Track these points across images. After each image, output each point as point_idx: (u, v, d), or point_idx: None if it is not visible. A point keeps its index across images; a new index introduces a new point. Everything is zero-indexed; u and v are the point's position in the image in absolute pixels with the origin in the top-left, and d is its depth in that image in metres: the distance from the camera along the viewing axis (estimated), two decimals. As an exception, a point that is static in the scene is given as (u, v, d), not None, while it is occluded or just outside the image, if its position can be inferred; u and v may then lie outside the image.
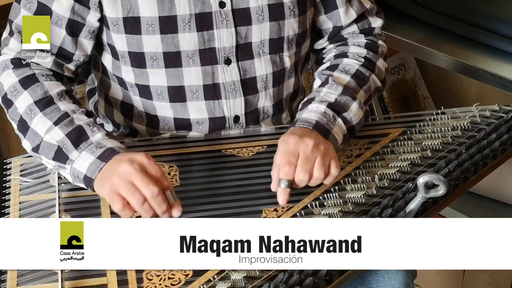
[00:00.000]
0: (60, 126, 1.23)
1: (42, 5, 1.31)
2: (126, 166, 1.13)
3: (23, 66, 1.31)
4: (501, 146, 1.31)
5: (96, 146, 1.21)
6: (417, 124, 1.42)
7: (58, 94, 1.29)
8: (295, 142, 1.21)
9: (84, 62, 1.38)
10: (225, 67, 1.36)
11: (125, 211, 1.13)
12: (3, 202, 1.26)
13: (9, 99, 1.29)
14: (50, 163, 1.25)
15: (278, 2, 1.35)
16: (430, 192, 1.15)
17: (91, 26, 1.33)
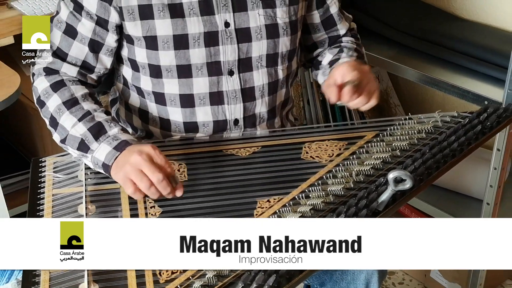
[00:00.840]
0: (83, 122, 1.26)
1: (69, 25, 1.32)
2: (136, 157, 1.15)
3: (53, 73, 1.33)
4: (459, 146, 1.31)
5: (113, 138, 1.23)
6: (388, 128, 1.41)
7: (82, 96, 1.30)
8: (355, 63, 1.31)
9: (105, 73, 1.39)
10: (229, 77, 1.37)
11: (136, 194, 1.16)
12: (39, 195, 1.26)
13: (42, 100, 1.31)
14: (75, 152, 1.27)
15: (273, 23, 1.36)
16: (399, 185, 1.15)
17: (109, 45, 1.34)
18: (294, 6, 1.38)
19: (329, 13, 1.48)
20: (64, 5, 1.33)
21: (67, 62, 1.34)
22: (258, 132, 1.43)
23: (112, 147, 1.22)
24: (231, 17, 1.34)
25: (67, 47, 1.33)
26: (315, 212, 1.17)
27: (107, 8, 1.30)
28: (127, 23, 1.31)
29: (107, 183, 1.28)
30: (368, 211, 1.14)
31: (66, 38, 1.33)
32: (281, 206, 1.19)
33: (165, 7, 1.30)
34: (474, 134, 1.35)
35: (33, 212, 1.23)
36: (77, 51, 1.34)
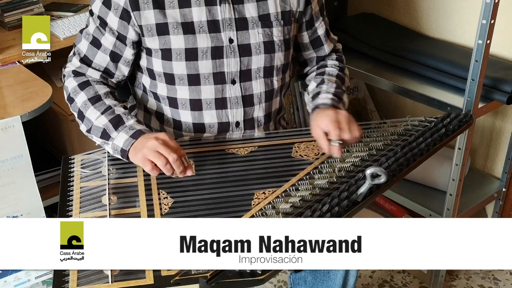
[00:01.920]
0: (105, 115, 1.28)
1: (95, 38, 1.34)
2: (153, 141, 1.20)
3: (80, 75, 1.35)
4: (426, 146, 1.31)
5: (129, 128, 1.26)
6: (366, 130, 1.40)
7: (104, 93, 1.33)
8: (334, 114, 1.27)
9: (123, 79, 1.41)
10: (231, 86, 1.37)
11: (153, 171, 1.20)
12: (68, 188, 1.26)
13: (71, 97, 1.33)
14: (98, 140, 1.30)
15: (270, 40, 1.36)
16: (375, 180, 1.15)
17: (127, 58, 1.36)
18: (287, 27, 1.38)
19: (316, 34, 1.47)
20: (92, 20, 1.34)
21: (92, 68, 1.36)
22: (256, 134, 1.43)
23: (129, 135, 1.25)
24: (234, 34, 1.33)
25: (92, 55, 1.35)
26: (304, 202, 1.17)
27: (126, 26, 1.31)
28: (146, 38, 1.32)
29: (127, 177, 1.28)
30: (348, 202, 1.15)
31: (92, 48, 1.35)
32: (275, 197, 1.19)
33: (179, 25, 1.30)
34: (438, 136, 1.36)
35: (64, 203, 1.22)
36: (100, 60, 1.35)
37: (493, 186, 2.06)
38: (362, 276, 2.13)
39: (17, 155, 1.49)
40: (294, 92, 2.24)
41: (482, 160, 2.13)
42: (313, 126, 1.30)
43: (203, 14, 1.31)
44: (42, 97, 1.51)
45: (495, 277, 2.12)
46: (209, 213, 1.16)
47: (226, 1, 1.32)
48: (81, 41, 1.36)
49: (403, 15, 2.17)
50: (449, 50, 1.95)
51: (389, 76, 1.91)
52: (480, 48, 1.59)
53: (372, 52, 2.00)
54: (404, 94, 1.87)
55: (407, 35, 2.08)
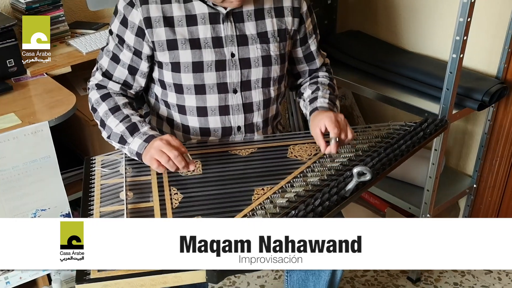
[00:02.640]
0: (123, 122, 1.29)
1: (115, 54, 1.34)
2: (158, 142, 1.21)
3: (103, 88, 1.35)
4: (406, 148, 1.32)
5: (143, 134, 1.26)
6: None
7: (123, 104, 1.33)
8: (333, 115, 1.28)
9: (140, 90, 1.40)
10: (233, 95, 1.37)
11: (159, 168, 1.21)
12: (90, 185, 1.26)
13: (94, 107, 1.33)
14: (117, 144, 1.30)
15: (267, 55, 1.36)
16: (361, 177, 1.15)
17: (142, 70, 1.36)
18: (283, 43, 1.38)
19: (309, 50, 1.47)
20: (111, 39, 1.35)
21: (112, 81, 1.36)
22: (255, 137, 1.43)
23: (142, 140, 1.25)
24: (236, 49, 1.33)
25: (113, 69, 1.35)
26: (298, 197, 1.17)
27: (141, 42, 1.31)
28: (158, 53, 1.32)
29: (141, 176, 1.28)
30: (338, 197, 1.15)
31: (112, 63, 1.35)
32: (272, 193, 1.19)
33: (186, 41, 1.30)
34: (417, 138, 1.36)
35: (86, 198, 1.22)
36: (119, 73, 1.35)
37: (465, 182, 2.06)
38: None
39: (46, 156, 1.49)
40: (289, 100, 2.24)
41: (456, 160, 2.13)
42: (312, 126, 1.30)
43: (208, 31, 1.31)
44: (67, 104, 1.51)
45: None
46: (214, 207, 1.16)
47: (229, 20, 1.32)
48: (103, 58, 1.36)
49: (386, 32, 2.17)
50: (426, 63, 1.94)
51: (373, 85, 1.90)
52: (454, 61, 1.59)
53: (358, 65, 2.00)
54: (386, 102, 1.86)
55: (389, 49, 2.08)
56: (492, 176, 2.00)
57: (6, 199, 1.47)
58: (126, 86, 1.37)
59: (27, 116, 1.46)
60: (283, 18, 1.37)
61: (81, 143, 1.84)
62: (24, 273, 1.56)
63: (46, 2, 1.75)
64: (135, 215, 1.15)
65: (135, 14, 1.29)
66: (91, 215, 1.16)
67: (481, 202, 2.08)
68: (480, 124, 2.00)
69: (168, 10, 1.29)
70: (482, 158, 2.00)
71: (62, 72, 1.69)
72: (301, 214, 1.08)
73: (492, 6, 1.81)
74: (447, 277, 2.05)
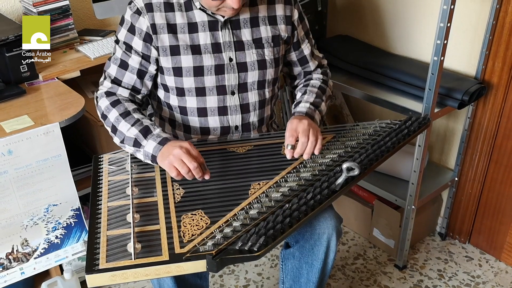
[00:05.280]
0: (135, 126, 1.26)
1: (123, 61, 1.32)
2: (178, 150, 1.17)
3: (112, 95, 1.33)
4: (392, 144, 1.32)
5: (157, 136, 1.23)
6: (342, 131, 1.41)
7: (133, 109, 1.30)
8: (296, 122, 1.27)
9: (147, 94, 1.39)
10: (231, 96, 1.36)
11: (178, 176, 1.17)
12: (98, 181, 1.26)
13: (105, 114, 1.30)
14: (130, 149, 1.27)
15: (262, 59, 1.36)
16: (350, 172, 1.15)
17: (151, 73, 1.34)
18: (276, 48, 1.38)
19: (303, 54, 1.47)
20: (118, 47, 1.33)
21: (122, 87, 1.34)
22: (251, 136, 1.42)
23: (156, 142, 1.22)
24: (233, 54, 1.33)
25: (121, 76, 1.33)
26: (292, 191, 1.17)
27: (148, 47, 1.30)
28: (161, 58, 1.31)
29: (146, 172, 1.28)
30: (328, 191, 1.15)
31: (120, 70, 1.33)
32: (268, 187, 1.19)
33: (188, 47, 1.30)
34: (402, 135, 1.36)
35: (95, 193, 1.22)
36: (128, 79, 1.33)
37: (447, 176, 2.06)
38: (340, 251, 2.13)
39: (57, 155, 1.48)
40: (283, 100, 2.24)
41: (438, 155, 2.14)
42: (286, 130, 1.30)
43: (208, 38, 1.31)
44: (76, 106, 1.50)
45: (450, 250, 2.13)
46: (214, 201, 1.16)
47: (226, 27, 1.32)
48: (110, 66, 1.34)
49: (372, 36, 2.17)
50: (410, 64, 1.94)
51: (361, 86, 1.90)
52: (436, 64, 1.59)
53: (347, 67, 2.00)
54: (373, 101, 1.86)
55: (375, 52, 2.08)
56: (472, 169, 2.01)
57: (20, 195, 1.47)
58: (135, 91, 1.35)
59: (39, 117, 1.46)
60: (276, 25, 1.37)
61: (90, 142, 1.84)
62: (38, 263, 1.57)
63: (57, 11, 1.74)
64: (140, 209, 1.15)
65: (142, 21, 1.28)
66: (100, 209, 1.16)
67: (462, 194, 2.08)
68: (461, 122, 2.00)
69: (171, 18, 1.29)
70: (462, 153, 2.00)
71: (72, 76, 1.69)
72: (294, 207, 1.09)
73: (470, 12, 1.81)
74: (431, 264, 2.05)
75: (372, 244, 2.16)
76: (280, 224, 1.03)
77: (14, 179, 1.43)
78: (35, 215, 1.51)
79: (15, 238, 1.51)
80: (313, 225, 1.31)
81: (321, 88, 1.45)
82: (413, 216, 1.90)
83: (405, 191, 1.88)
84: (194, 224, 1.09)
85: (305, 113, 1.33)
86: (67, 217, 1.58)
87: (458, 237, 2.16)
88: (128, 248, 1.02)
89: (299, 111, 1.35)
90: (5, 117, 1.46)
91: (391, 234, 2.05)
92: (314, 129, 1.27)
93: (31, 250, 1.54)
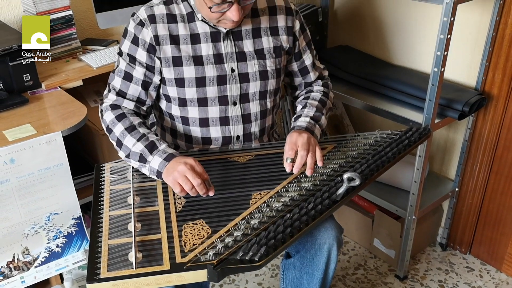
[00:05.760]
0: (141, 141, 1.25)
1: (127, 73, 1.32)
2: (182, 166, 1.16)
3: (117, 108, 1.32)
4: (392, 155, 1.32)
5: (162, 152, 1.23)
6: (343, 141, 1.42)
7: (138, 123, 1.30)
8: (296, 136, 1.27)
9: (151, 105, 1.39)
10: (233, 106, 1.37)
11: (182, 193, 1.17)
12: (100, 190, 1.26)
13: (110, 128, 1.30)
14: (136, 164, 1.26)
15: (264, 70, 1.36)
16: (351, 182, 1.16)
17: (155, 83, 1.34)
18: (278, 58, 1.39)
19: (304, 64, 1.47)
20: (122, 59, 1.33)
21: (127, 99, 1.33)
22: (253, 145, 1.43)
23: (162, 158, 1.21)
24: (235, 65, 1.34)
25: (126, 88, 1.33)
26: (293, 201, 1.17)
27: (152, 58, 1.31)
28: (164, 69, 1.31)
29: (147, 182, 1.28)
30: (329, 201, 1.15)
31: (125, 82, 1.33)
32: (269, 197, 1.19)
33: (190, 58, 1.30)
34: (402, 146, 1.36)
35: (96, 202, 1.22)
36: (133, 90, 1.33)
37: (448, 186, 2.06)
38: (341, 261, 2.13)
39: (59, 163, 1.49)
40: (284, 110, 2.25)
41: (439, 165, 2.14)
42: (285, 143, 1.30)
43: (210, 48, 1.32)
44: (79, 115, 1.51)
45: (450, 261, 2.12)
46: (215, 211, 1.16)
47: (228, 38, 1.33)
48: (114, 79, 1.34)
49: (373, 47, 2.18)
50: (410, 75, 1.95)
51: (362, 96, 1.91)
52: (436, 75, 1.60)
53: (348, 77, 2.01)
54: (374, 112, 1.87)
55: (376, 63, 2.09)
56: (473, 180, 2.01)
57: (22, 203, 1.47)
58: (140, 103, 1.35)
59: (42, 126, 1.46)
60: (278, 36, 1.38)
61: (92, 151, 1.84)
62: (39, 272, 1.56)
63: (60, 21, 1.76)
64: (142, 218, 1.15)
65: (146, 33, 1.29)
66: (101, 218, 1.16)
67: (463, 205, 2.08)
68: (461, 132, 2.01)
69: (174, 29, 1.30)
70: (463, 163, 2.00)
71: (74, 85, 1.69)
72: (295, 217, 1.09)
73: (470, 24, 1.83)
74: (432, 274, 2.05)
75: (373, 254, 2.15)
76: (281, 234, 1.03)
77: (16, 188, 1.43)
78: (36, 223, 1.51)
79: (16, 246, 1.50)
80: (314, 235, 1.31)
81: (322, 101, 1.45)
82: (413, 226, 1.90)
83: (406, 201, 1.88)
84: (195, 234, 1.08)
85: (305, 128, 1.33)
86: (68, 225, 1.58)
87: (459, 247, 2.16)
88: (129, 257, 1.02)
89: (299, 125, 1.35)
90: (8, 125, 1.46)
91: (392, 244, 2.05)
92: (314, 143, 1.27)
93: (32, 258, 1.54)
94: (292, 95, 1.55)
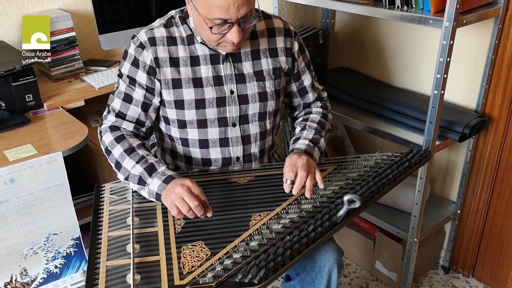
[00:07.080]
0: (140, 164, 1.25)
1: (127, 94, 1.32)
2: (179, 188, 1.15)
3: (116, 129, 1.32)
4: (393, 177, 1.32)
5: (161, 174, 1.22)
6: (343, 163, 1.41)
7: (137, 145, 1.29)
8: (296, 158, 1.26)
9: (151, 126, 1.39)
10: (232, 128, 1.37)
11: (179, 215, 1.16)
12: (100, 210, 1.26)
13: (109, 150, 1.30)
14: (135, 186, 1.25)
15: (263, 91, 1.37)
16: (351, 205, 1.15)
17: (155, 105, 1.35)
18: (277, 80, 1.40)
19: (303, 85, 1.48)
20: (122, 81, 1.34)
21: (126, 120, 1.33)
22: (253, 167, 1.43)
23: (161, 181, 1.21)
24: (235, 87, 1.35)
25: (126, 109, 1.33)
26: (293, 223, 1.16)
27: (152, 80, 1.31)
28: (164, 91, 1.32)
29: (147, 202, 1.27)
30: (330, 223, 1.14)
31: (125, 103, 1.33)
32: (269, 219, 1.18)
33: (190, 80, 1.31)
34: (403, 168, 1.36)
35: (95, 223, 1.22)
36: (133, 112, 1.33)
37: (450, 208, 2.05)
38: (342, 283, 2.10)
39: (59, 183, 1.49)
40: (285, 130, 2.25)
41: (440, 187, 2.13)
42: (284, 165, 1.30)
43: (209, 71, 1.33)
44: (80, 136, 1.51)
45: (453, 284, 2.10)
46: (214, 232, 1.15)
47: (228, 60, 1.34)
48: (114, 100, 1.34)
49: (373, 68, 2.20)
50: (411, 97, 1.96)
51: (362, 118, 1.91)
52: (436, 97, 1.60)
53: (348, 99, 2.02)
54: (374, 133, 1.87)
55: (376, 85, 2.10)
56: (475, 202, 2.00)
57: (21, 224, 1.46)
58: (139, 125, 1.35)
59: (42, 146, 1.47)
60: (277, 57, 1.39)
61: (92, 171, 1.84)
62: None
63: (63, 42, 1.78)
64: (141, 239, 1.14)
65: (146, 55, 1.30)
66: (100, 239, 1.15)
67: (465, 227, 2.06)
68: (462, 154, 2.01)
69: (174, 52, 1.31)
70: (464, 185, 1.99)
71: (76, 105, 1.71)
72: (295, 239, 1.08)
73: (470, 47, 1.84)
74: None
75: (375, 277, 2.13)
76: (280, 257, 1.02)
77: (16, 208, 1.43)
78: (35, 244, 1.50)
79: (14, 267, 1.49)
80: (314, 258, 1.30)
81: (320, 123, 1.45)
82: (415, 248, 1.88)
83: (407, 223, 1.87)
84: (194, 256, 1.08)
85: (304, 150, 1.33)
86: (67, 246, 1.57)
87: (462, 270, 2.13)
88: (127, 279, 1.01)
89: (298, 147, 1.35)
90: (9, 145, 1.47)
91: (394, 267, 2.02)
92: (313, 166, 1.27)
93: (30, 279, 1.53)
94: (291, 115, 1.56)
